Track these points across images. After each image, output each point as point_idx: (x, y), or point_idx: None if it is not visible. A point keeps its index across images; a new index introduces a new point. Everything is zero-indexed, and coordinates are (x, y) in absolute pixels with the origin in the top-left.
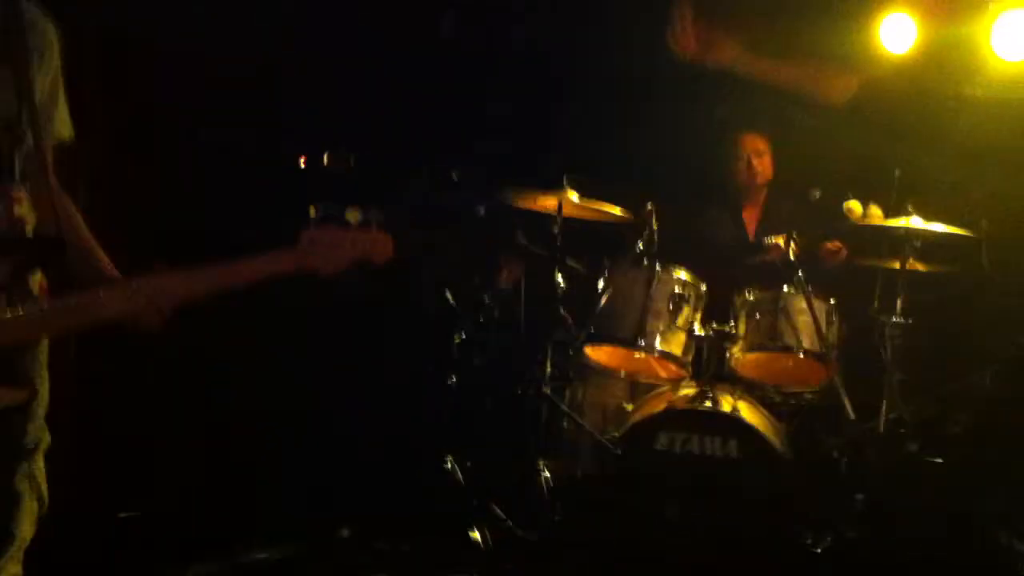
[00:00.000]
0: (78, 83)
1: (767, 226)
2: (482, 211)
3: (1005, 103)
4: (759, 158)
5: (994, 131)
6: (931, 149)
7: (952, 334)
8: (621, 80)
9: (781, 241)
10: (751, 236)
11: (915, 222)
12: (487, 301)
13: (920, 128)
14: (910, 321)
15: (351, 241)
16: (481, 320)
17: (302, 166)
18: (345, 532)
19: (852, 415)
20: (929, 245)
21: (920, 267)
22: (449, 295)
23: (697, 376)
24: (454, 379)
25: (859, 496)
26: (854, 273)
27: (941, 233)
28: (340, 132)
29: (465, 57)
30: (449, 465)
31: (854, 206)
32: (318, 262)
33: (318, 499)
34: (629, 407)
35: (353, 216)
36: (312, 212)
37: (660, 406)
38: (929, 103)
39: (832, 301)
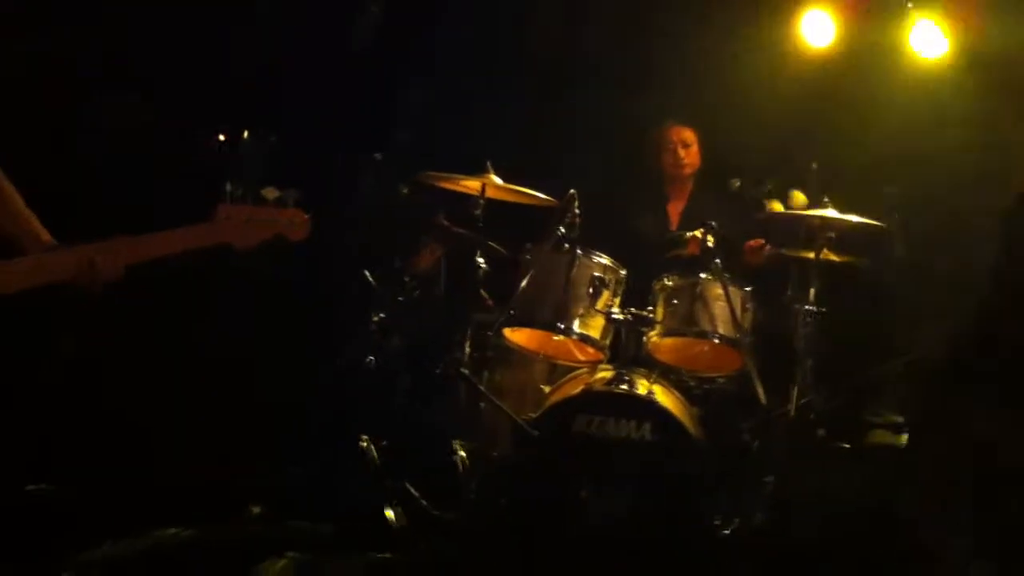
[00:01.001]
0: None
1: (691, 218)
2: (405, 191)
3: (919, 101)
4: (686, 149)
5: (909, 127)
6: (848, 143)
7: (864, 323)
8: (549, 66)
9: (699, 234)
10: (675, 227)
11: (830, 213)
12: (407, 281)
13: (838, 122)
14: (823, 309)
15: (266, 218)
16: (401, 300)
17: (221, 141)
18: (257, 510)
19: (764, 400)
20: (844, 236)
21: (834, 257)
22: (369, 275)
23: (615, 359)
24: (372, 359)
25: (768, 479)
26: (770, 262)
27: (855, 224)
28: (263, 111)
29: (390, 39)
30: (365, 445)
31: (775, 207)
32: (233, 236)
33: (232, 476)
34: (547, 389)
35: (269, 193)
36: (228, 188)
37: (577, 388)
38: (847, 98)
39: (748, 288)
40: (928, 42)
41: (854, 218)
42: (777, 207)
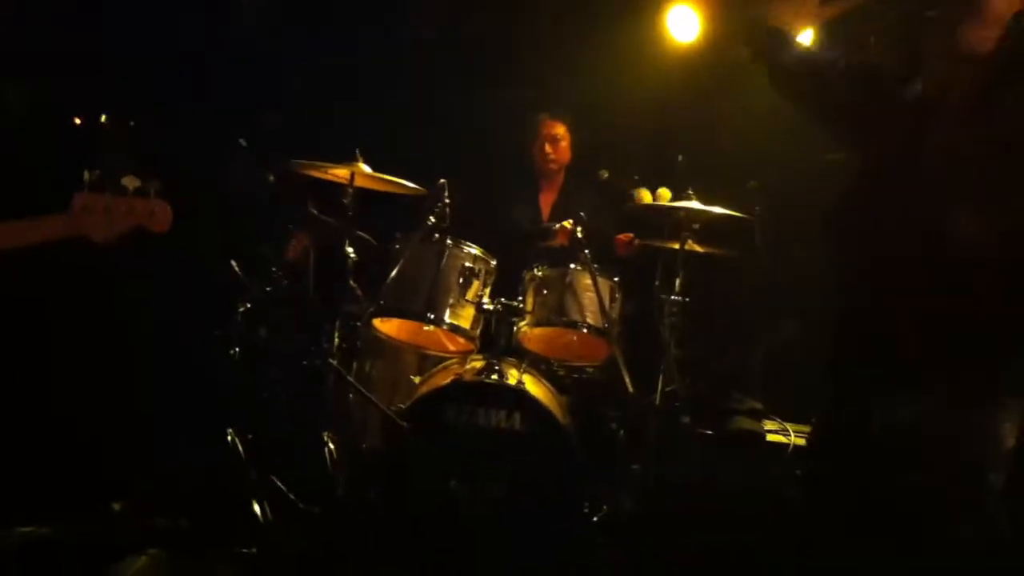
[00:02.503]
0: None
1: (561, 210)
2: (270, 179)
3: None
4: (555, 144)
5: (771, 120)
6: (713, 136)
7: (727, 313)
8: (420, 54)
9: (568, 225)
10: (546, 219)
11: (694, 205)
12: (275, 272)
13: (703, 116)
14: (687, 299)
15: (127, 208)
16: (268, 291)
17: (76, 126)
18: (117, 507)
19: (631, 389)
20: (708, 227)
21: (698, 248)
22: (235, 265)
23: (485, 350)
24: (237, 351)
25: (635, 467)
26: (638, 253)
27: (719, 216)
28: (124, 94)
29: (257, 22)
30: (230, 438)
31: (644, 195)
32: (90, 228)
33: (93, 473)
34: (417, 380)
35: (130, 183)
36: (86, 176)
37: (447, 379)
38: (712, 92)
39: (616, 279)
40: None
41: (718, 210)
42: (647, 197)
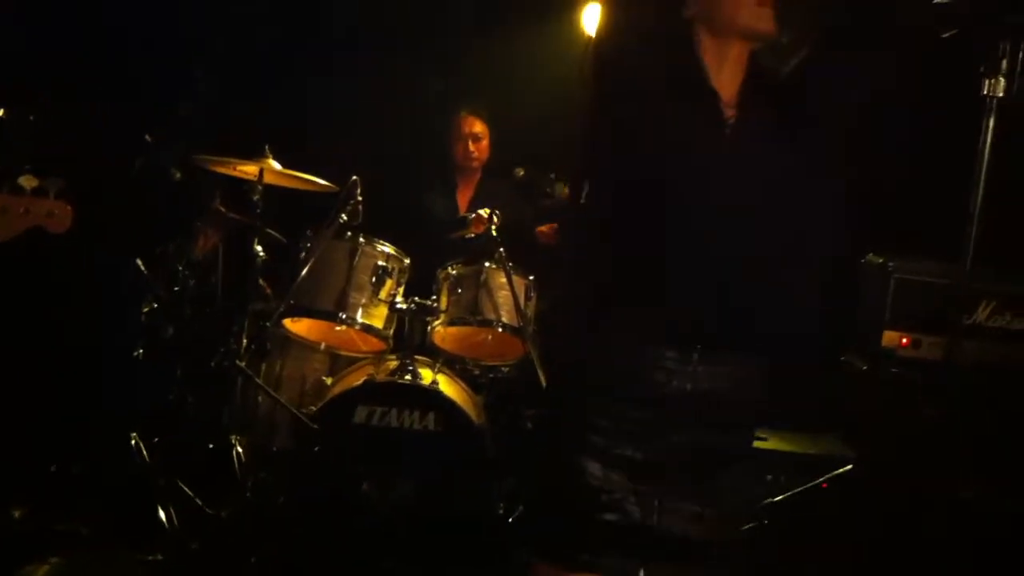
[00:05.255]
0: None
1: (480, 206)
2: (177, 175)
3: None
4: (476, 143)
5: None
6: None
7: None
8: (331, 47)
9: (485, 213)
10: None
11: None
12: (181, 270)
13: None
14: None
15: (24, 209)
16: (175, 289)
17: None
18: (16, 514)
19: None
20: None
21: None
22: (139, 263)
23: (398, 349)
24: (141, 351)
25: None
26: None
27: None
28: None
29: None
30: (134, 442)
31: (563, 189)
32: None
33: None
34: (329, 381)
35: (28, 182)
36: None
37: (359, 379)
38: None
39: (531, 277)
40: None
41: None
42: (565, 191)
